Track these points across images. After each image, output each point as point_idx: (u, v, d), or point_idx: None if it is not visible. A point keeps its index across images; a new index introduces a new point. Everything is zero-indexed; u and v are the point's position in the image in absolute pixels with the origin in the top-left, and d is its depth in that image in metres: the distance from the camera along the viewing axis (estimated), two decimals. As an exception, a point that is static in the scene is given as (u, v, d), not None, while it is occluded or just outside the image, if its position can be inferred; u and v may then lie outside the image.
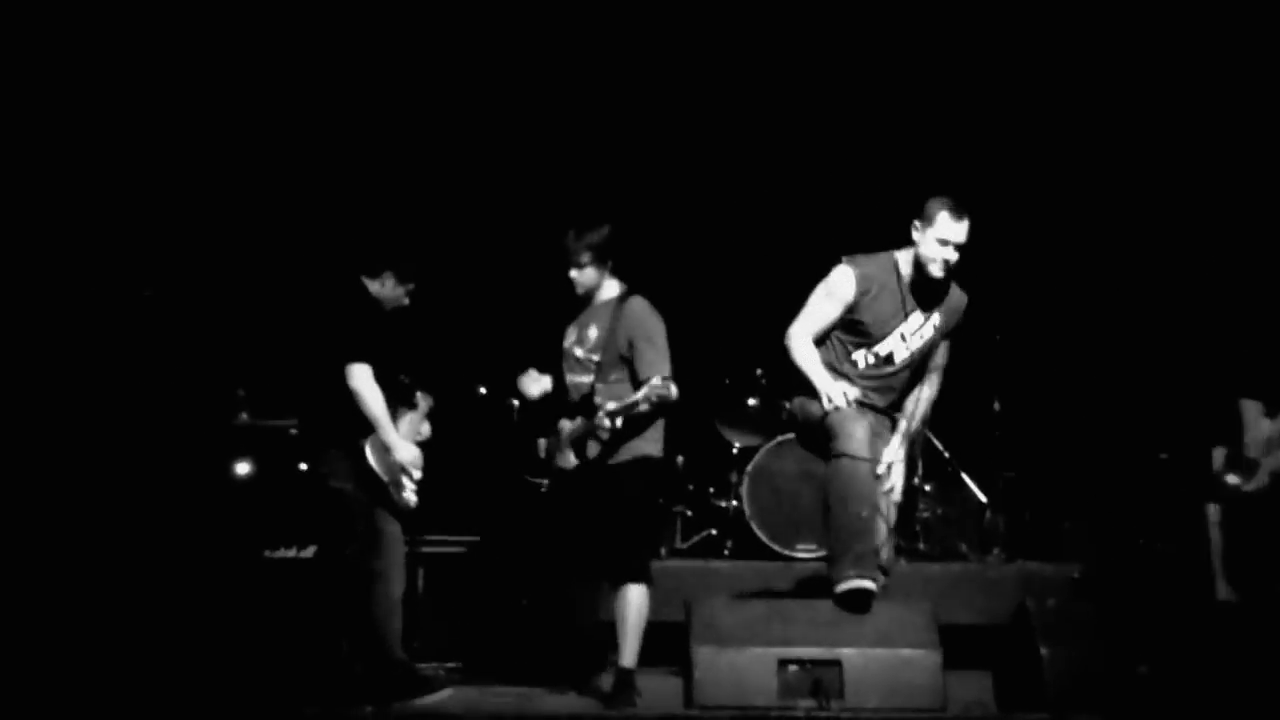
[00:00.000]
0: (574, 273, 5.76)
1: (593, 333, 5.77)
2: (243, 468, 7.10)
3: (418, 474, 5.93)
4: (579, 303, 5.89)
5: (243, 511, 6.99)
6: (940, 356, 5.67)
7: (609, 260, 5.79)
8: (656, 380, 5.40)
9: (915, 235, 5.46)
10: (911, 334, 5.54)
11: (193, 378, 7.54)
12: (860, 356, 5.57)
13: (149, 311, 7.71)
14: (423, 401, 6.17)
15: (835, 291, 5.55)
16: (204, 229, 8.07)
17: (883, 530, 5.44)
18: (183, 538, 6.84)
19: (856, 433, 5.33)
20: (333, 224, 7.88)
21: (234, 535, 6.91)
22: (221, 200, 8.13)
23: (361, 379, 5.72)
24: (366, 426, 5.77)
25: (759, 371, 8.11)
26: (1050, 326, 8.40)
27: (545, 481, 6.77)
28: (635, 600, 5.62)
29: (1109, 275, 8.36)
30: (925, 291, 5.52)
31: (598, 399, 5.63)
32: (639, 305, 5.76)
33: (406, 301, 6.02)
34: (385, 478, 5.83)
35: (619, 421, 5.53)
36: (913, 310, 5.52)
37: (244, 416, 7.25)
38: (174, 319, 7.72)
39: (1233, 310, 7.73)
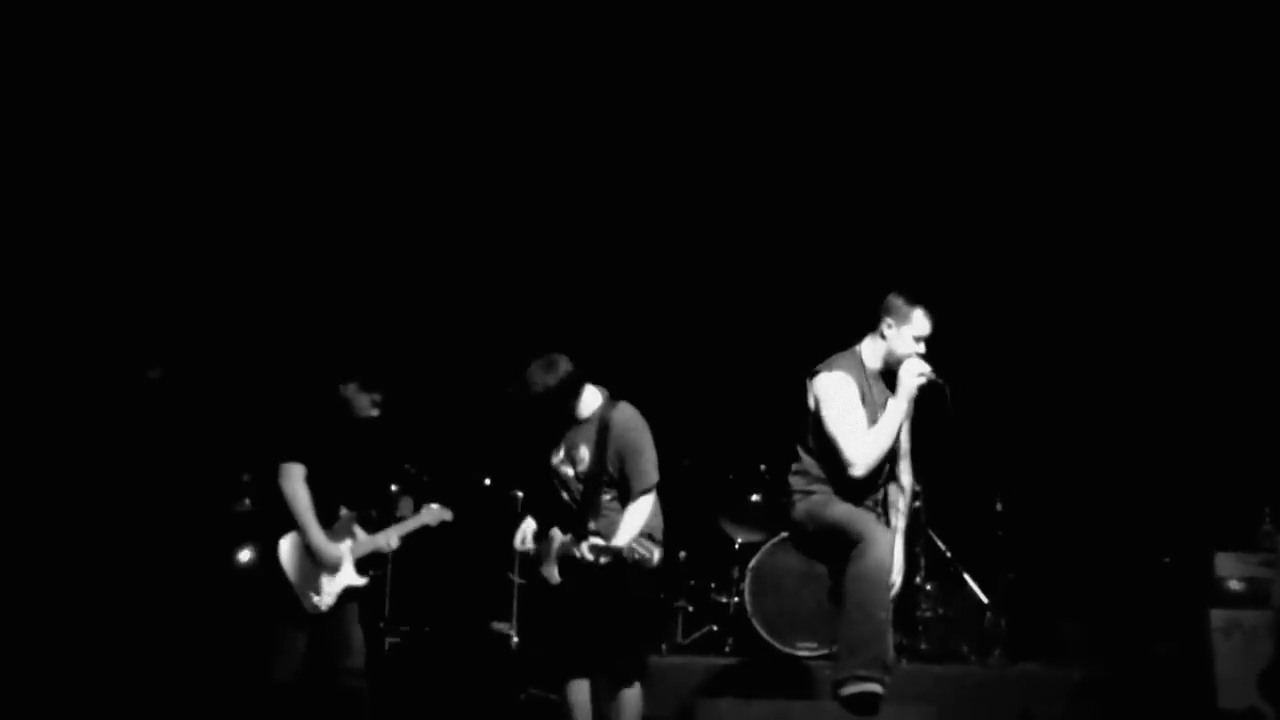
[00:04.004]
0: (555, 411, 5.68)
1: (583, 452, 5.68)
2: (245, 555, 7.09)
3: (343, 578, 5.89)
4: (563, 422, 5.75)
5: (244, 598, 6.97)
6: (905, 441, 5.74)
7: (577, 387, 5.65)
8: (637, 544, 5.36)
9: (888, 332, 5.53)
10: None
11: (198, 461, 7.54)
12: None
13: (155, 393, 7.72)
14: (345, 511, 6.09)
15: (846, 395, 5.54)
16: (218, 314, 8.11)
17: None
18: (184, 622, 6.83)
19: (883, 539, 5.35)
20: (328, 325, 7.93)
21: (234, 620, 6.89)
22: (240, 288, 8.17)
23: (288, 479, 5.76)
24: (289, 524, 5.80)
25: (763, 467, 8.11)
26: (1055, 428, 8.41)
27: (522, 580, 6.75)
28: (631, 700, 5.58)
29: (1116, 377, 8.39)
30: (886, 381, 5.61)
31: (591, 524, 5.55)
32: (624, 416, 5.68)
33: (375, 412, 5.99)
34: (293, 579, 5.80)
35: (602, 559, 5.43)
36: (885, 400, 5.57)
37: (247, 503, 7.25)
38: (181, 401, 7.72)
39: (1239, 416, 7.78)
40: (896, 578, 5.60)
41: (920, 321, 5.48)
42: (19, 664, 6.66)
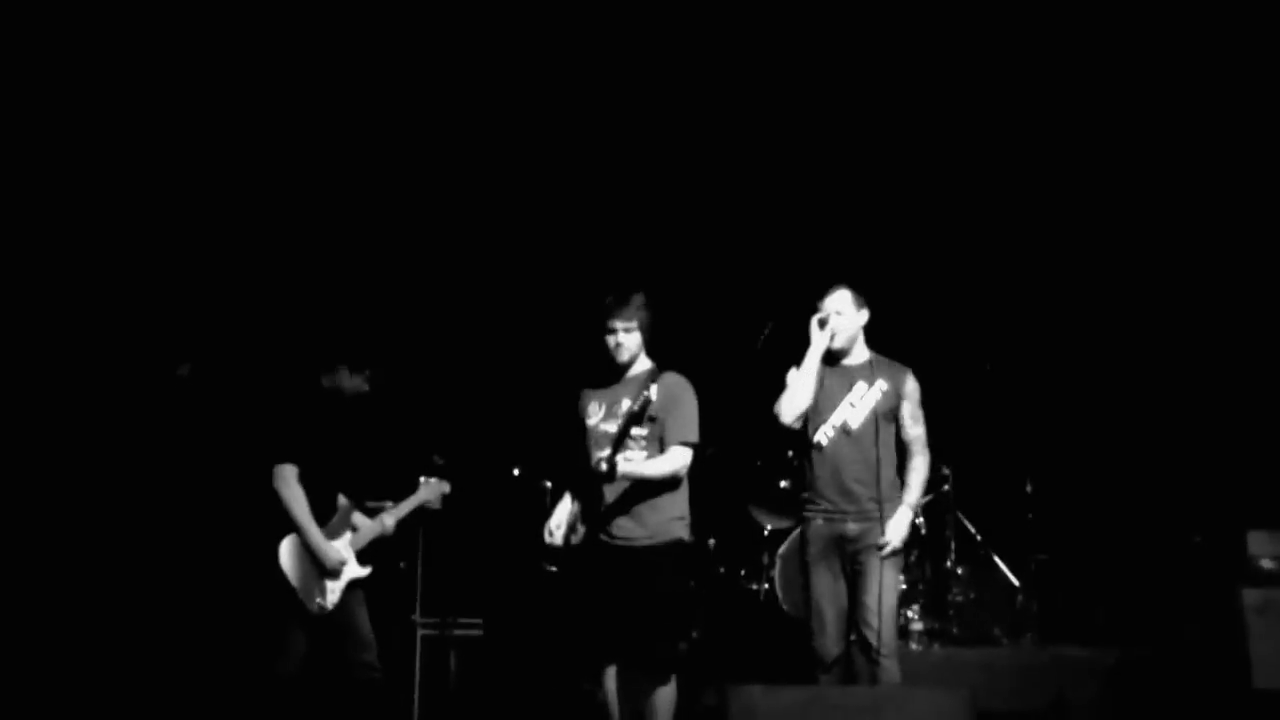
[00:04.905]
0: (622, 336, 5.69)
1: (624, 405, 5.66)
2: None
3: (346, 574, 5.90)
4: (605, 378, 5.82)
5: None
6: (911, 426, 5.97)
7: (647, 329, 5.75)
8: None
9: None
10: (860, 400, 5.92)
11: (228, 455, 7.56)
12: (823, 435, 5.90)
13: (184, 389, 7.75)
14: (343, 501, 6.11)
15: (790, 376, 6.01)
16: (236, 309, 8.12)
17: (873, 620, 5.70)
18: (221, 619, 6.86)
19: (823, 638, 5.82)
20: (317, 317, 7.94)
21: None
22: (262, 284, 8.19)
23: (282, 481, 5.80)
24: (287, 526, 5.84)
25: (790, 453, 8.08)
26: (1084, 409, 8.38)
27: (555, 568, 6.74)
28: (665, 690, 5.58)
29: (1145, 356, 8.34)
30: (856, 365, 6.00)
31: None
32: (674, 375, 5.74)
33: (366, 388, 6.05)
34: (295, 583, 5.81)
35: (604, 468, 5.47)
36: (855, 381, 5.93)
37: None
38: (210, 396, 7.75)
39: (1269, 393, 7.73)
40: (895, 540, 5.79)
41: (823, 300, 6.02)
42: (36, 658, 6.72)
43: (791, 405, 5.87)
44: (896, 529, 5.79)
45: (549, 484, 7.34)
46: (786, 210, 8.69)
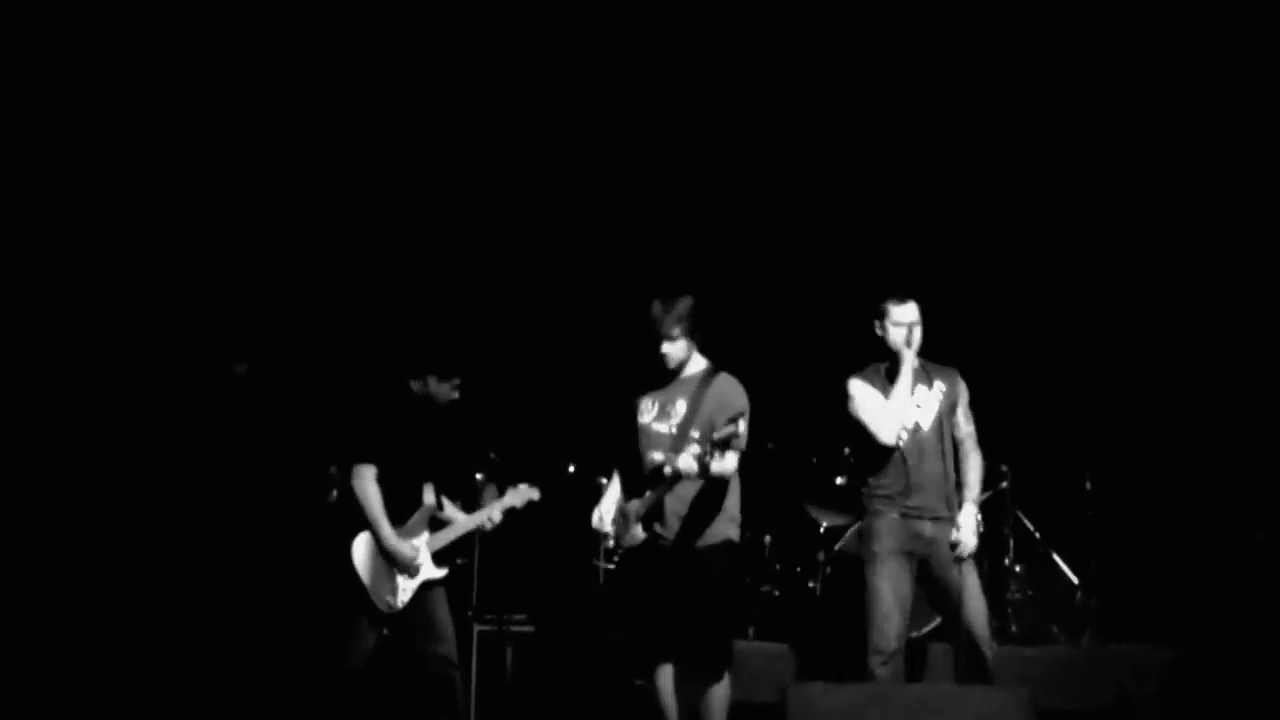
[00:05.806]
0: (666, 346, 5.73)
1: (680, 407, 5.72)
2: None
3: (421, 573, 5.94)
4: (659, 378, 5.84)
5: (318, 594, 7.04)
6: (964, 424, 6.14)
7: (698, 332, 5.77)
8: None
9: (880, 333, 6.08)
10: (925, 401, 6.06)
11: (283, 454, 7.62)
12: (898, 439, 5.99)
13: (241, 387, 7.81)
14: (429, 494, 6.15)
15: (863, 389, 6.10)
16: (299, 309, 8.19)
17: (981, 620, 5.88)
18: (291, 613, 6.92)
19: (887, 630, 5.84)
20: (397, 319, 8.02)
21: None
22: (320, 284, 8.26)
23: (360, 479, 5.88)
24: (361, 524, 5.91)
25: (846, 450, 8.05)
26: (1144, 404, 8.30)
27: (608, 566, 6.76)
28: (719, 688, 5.59)
29: (1204, 352, 8.26)
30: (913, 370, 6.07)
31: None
32: (728, 380, 5.76)
33: (456, 395, 6.11)
34: (367, 580, 5.87)
35: (673, 469, 5.49)
36: (916, 385, 6.01)
37: (335, 495, 7.30)
38: (267, 395, 7.81)
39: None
40: (968, 540, 5.90)
41: (894, 310, 6.03)
42: (107, 648, 6.81)
43: (894, 424, 5.96)
44: (968, 530, 5.94)
45: (603, 481, 7.34)
46: (843, 208, 8.68)
